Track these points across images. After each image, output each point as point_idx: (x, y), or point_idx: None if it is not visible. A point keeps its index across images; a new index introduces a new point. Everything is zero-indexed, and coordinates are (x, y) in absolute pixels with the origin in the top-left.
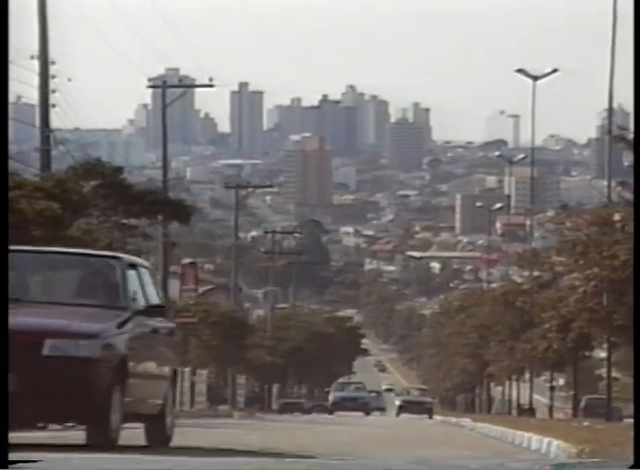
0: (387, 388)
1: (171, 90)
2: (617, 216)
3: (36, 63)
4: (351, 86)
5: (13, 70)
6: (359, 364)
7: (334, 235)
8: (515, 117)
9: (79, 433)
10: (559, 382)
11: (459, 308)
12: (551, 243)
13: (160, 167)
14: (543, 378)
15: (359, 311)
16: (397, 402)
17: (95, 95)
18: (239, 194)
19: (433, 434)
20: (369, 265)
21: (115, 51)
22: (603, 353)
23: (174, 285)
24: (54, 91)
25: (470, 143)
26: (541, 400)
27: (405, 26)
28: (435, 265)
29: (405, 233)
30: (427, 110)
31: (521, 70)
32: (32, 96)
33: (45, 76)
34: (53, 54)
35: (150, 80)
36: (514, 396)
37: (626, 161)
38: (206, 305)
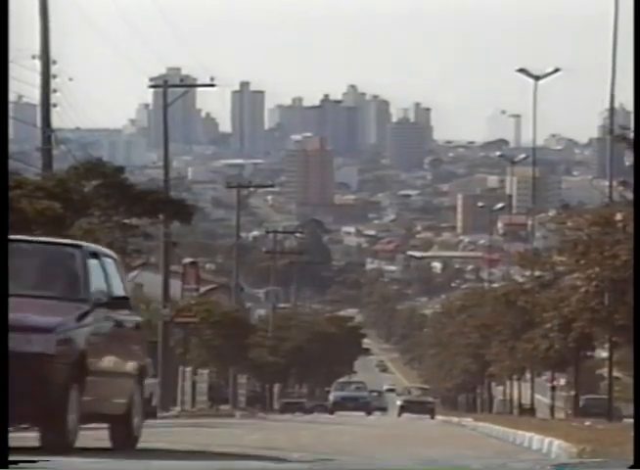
0: (388, 388)
1: (173, 90)
2: (618, 216)
3: (37, 62)
4: (353, 86)
5: (14, 70)
6: (360, 364)
7: (335, 235)
8: (516, 116)
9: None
10: (560, 382)
11: (460, 308)
12: (552, 243)
13: (162, 167)
14: (544, 378)
15: (361, 311)
16: (399, 402)
17: (96, 95)
18: (240, 193)
19: (434, 434)
20: (370, 265)
21: (117, 50)
22: (604, 353)
23: (175, 285)
24: (55, 91)
25: (471, 143)
26: (542, 400)
27: (406, 26)
28: (437, 265)
29: (407, 233)
30: (428, 109)
31: (522, 70)
32: (34, 95)
33: (46, 76)
34: (54, 53)
35: (151, 80)
36: (515, 395)
37: (628, 160)
38: (208, 305)
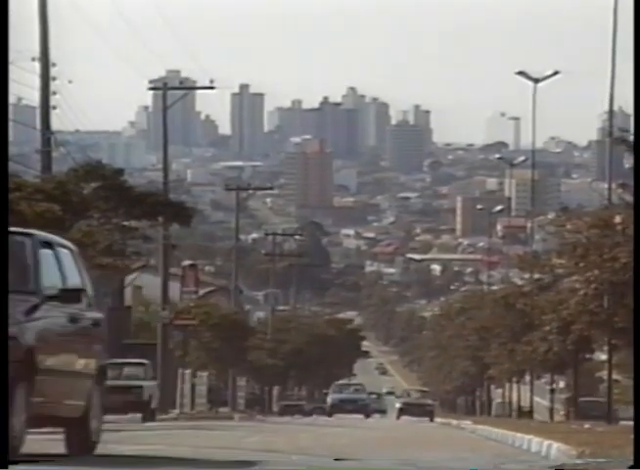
0: (388, 391)
1: (172, 92)
2: (617, 219)
3: (37, 64)
4: (352, 88)
5: (14, 72)
6: (360, 367)
7: (334, 237)
8: (515, 119)
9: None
10: (559, 384)
11: (459, 311)
12: (552, 245)
13: (161, 169)
14: (544, 380)
15: (360, 314)
16: (398, 405)
17: (96, 97)
18: (239, 196)
19: (433, 436)
20: (370, 268)
21: (116, 53)
22: (603, 356)
23: (175, 287)
24: (55, 93)
25: (470, 145)
26: (542, 403)
27: (406, 29)
28: (436, 268)
29: (406, 235)
30: (427, 112)
31: (521, 73)
32: (33, 98)
33: (46, 78)
34: (54, 56)
35: (150, 82)
36: (514, 398)
37: (627, 163)
38: (207, 308)
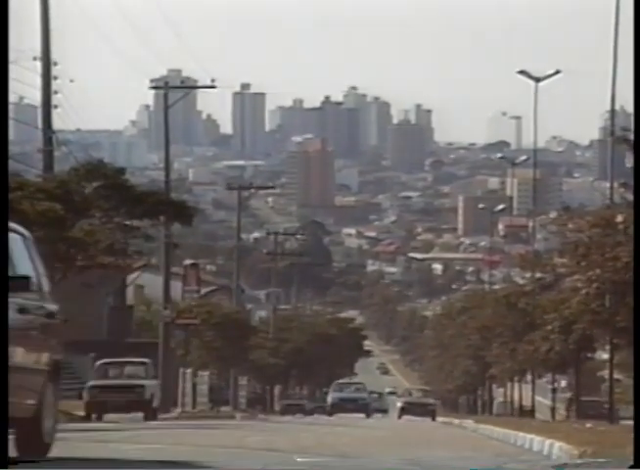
0: (390, 390)
1: (174, 91)
2: (619, 218)
3: (39, 64)
4: (353, 87)
5: (15, 72)
6: (361, 366)
7: (336, 236)
8: (517, 118)
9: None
10: (561, 384)
11: (461, 310)
12: (553, 244)
13: (163, 169)
14: (545, 380)
15: (361, 313)
16: (399, 404)
17: (97, 96)
18: (241, 195)
19: (434, 435)
20: (371, 267)
21: (118, 52)
22: (605, 355)
23: (176, 286)
24: (56, 92)
25: (472, 144)
26: (543, 402)
27: (407, 28)
28: (438, 267)
29: (407, 234)
30: (429, 111)
31: (523, 72)
32: (35, 97)
33: (47, 77)
34: (55, 55)
35: (152, 81)
36: (516, 397)
37: (629, 162)
38: (209, 307)
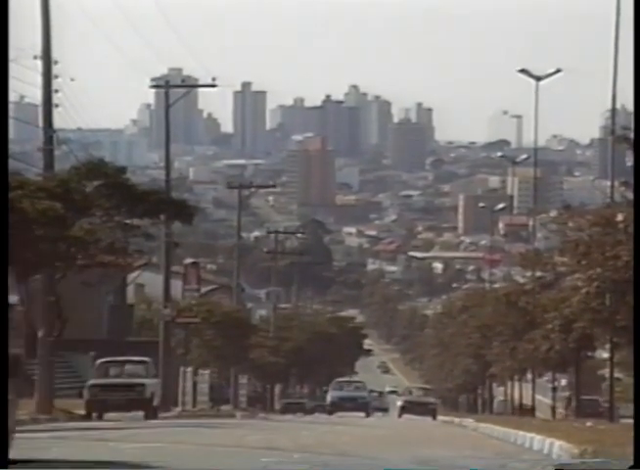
0: (391, 389)
1: (174, 90)
2: (619, 217)
3: (39, 62)
4: (354, 86)
5: (16, 70)
6: (362, 365)
7: (336, 235)
8: (518, 117)
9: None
10: (561, 382)
11: (461, 309)
12: (554, 243)
13: (163, 167)
14: (545, 378)
15: (362, 311)
16: (399, 403)
17: (98, 95)
18: (242, 194)
19: (435, 434)
20: (372, 266)
21: (118, 51)
22: (605, 354)
23: (177, 285)
24: (57, 91)
25: (473, 143)
26: (543, 401)
27: (408, 27)
28: (438, 266)
29: (408, 233)
30: (429, 110)
31: (523, 71)
32: (35, 96)
33: (48, 76)
34: (56, 54)
35: (153, 80)
36: (516, 396)
37: (629, 161)
38: (209, 305)
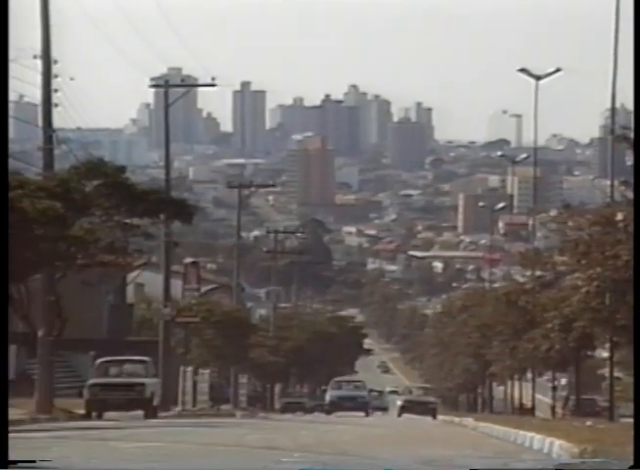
0: (391, 389)
1: (174, 90)
2: (619, 216)
3: (39, 62)
4: (354, 86)
5: (15, 70)
6: (362, 364)
7: (336, 234)
8: (517, 116)
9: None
10: (561, 382)
11: (461, 308)
12: (554, 242)
13: (163, 167)
14: (545, 378)
15: (362, 311)
16: (399, 402)
17: (97, 94)
18: (241, 193)
19: (435, 433)
20: (371, 265)
21: (118, 50)
22: (605, 353)
23: (177, 284)
24: (56, 90)
25: (472, 142)
26: (543, 400)
27: (408, 26)
28: (438, 265)
29: (408, 233)
30: (429, 109)
31: (523, 70)
32: (35, 95)
33: (48, 76)
34: (55, 53)
35: (152, 80)
36: (516, 395)
37: (629, 160)
38: (209, 305)
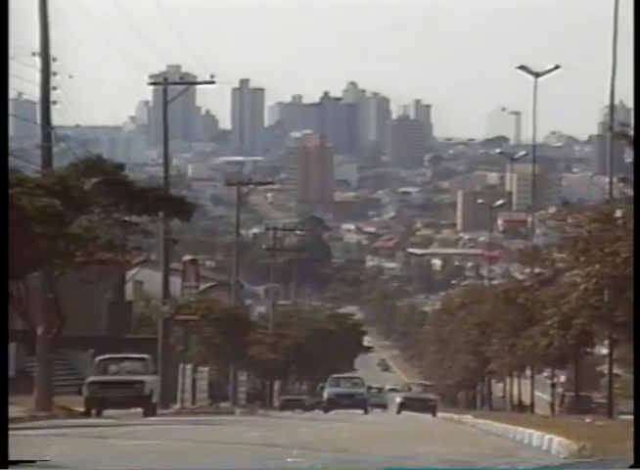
0: (391, 387)
1: (173, 87)
2: (618, 213)
3: (38, 59)
4: (352, 83)
5: (14, 67)
6: (361, 362)
7: (335, 232)
8: (516, 113)
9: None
10: (560, 379)
11: (460, 305)
12: (552, 240)
13: (162, 164)
14: (544, 375)
15: (361, 308)
16: (398, 399)
17: (96, 92)
18: (240, 191)
19: (434, 430)
20: (370, 262)
21: (117, 48)
22: (604, 350)
23: (175, 282)
24: (55, 88)
25: (471, 140)
26: (542, 397)
27: (406, 23)
28: (437, 262)
29: (407, 230)
30: (428, 106)
31: (522, 67)
32: (34, 93)
33: (46, 73)
34: (54, 51)
35: (151, 77)
36: (515, 392)
37: (628, 157)
38: (208, 302)
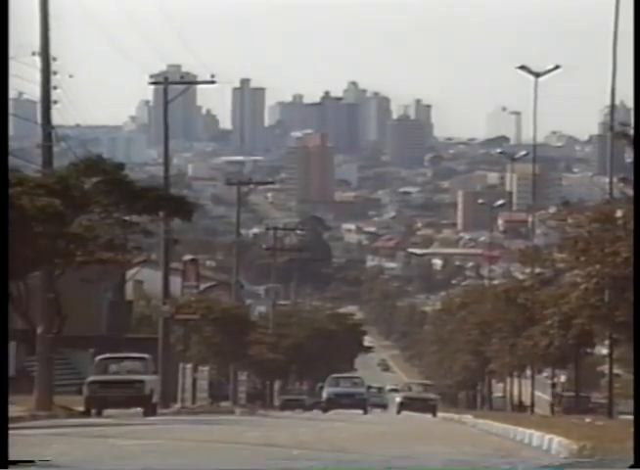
0: (392, 388)
1: (173, 87)
2: (618, 213)
3: (38, 59)
4: (353, 83)
5: (14, 67)
6: (361, 361)
7: (335, 232)
8: (517, 113)
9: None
10: (560, 379)
11: (461, 305)
12: (553, 239)
13: (162, 164)
14: (545, 375)
15: (361, 308)
16: (398, 399)
17: (97, 91)
18: (240, 191)
19: (434, 430)
20: (371, 262)
21: (117, 47)
22: (604, 350)
23: (176, 282)
24: (55, 87)
25: (472, 140)
26: (543, 397)
27: (407, 23)
28: (437, 262)
29: (407, 230)
30: (428, 106)
31: (523, 67)
32: (34, 92)
33: (47, 73)
34: (54, 50)
35: (151, 77)
36: (515, 392)
37: (628, 157)
38: (208, 302)
